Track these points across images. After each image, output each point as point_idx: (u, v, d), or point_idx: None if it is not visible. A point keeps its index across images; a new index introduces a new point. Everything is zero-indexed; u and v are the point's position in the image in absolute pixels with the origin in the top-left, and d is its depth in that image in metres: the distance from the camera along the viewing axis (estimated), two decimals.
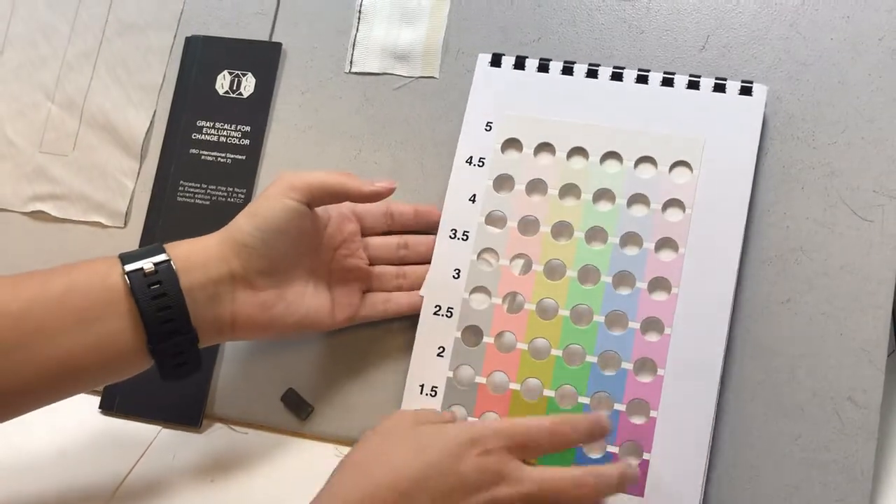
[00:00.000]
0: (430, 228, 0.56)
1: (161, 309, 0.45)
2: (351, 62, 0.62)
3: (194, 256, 0.47)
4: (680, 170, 0.54)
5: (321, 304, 0.52)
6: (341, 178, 0.50)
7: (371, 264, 0.55)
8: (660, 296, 0.52)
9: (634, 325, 0.52)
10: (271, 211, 0.48)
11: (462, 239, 0.54)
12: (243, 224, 0.48)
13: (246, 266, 0.48)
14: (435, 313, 0.53)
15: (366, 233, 0.56)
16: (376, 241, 0.56)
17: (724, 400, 0.52)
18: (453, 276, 0.53)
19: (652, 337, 0.51)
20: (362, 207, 0.55)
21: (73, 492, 0.54)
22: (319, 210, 0.51)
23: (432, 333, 0.53)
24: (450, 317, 0.53)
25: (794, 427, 0.52)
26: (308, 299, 0.51)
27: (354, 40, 0.63)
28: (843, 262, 0.54)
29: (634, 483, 0.46)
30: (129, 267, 0.46)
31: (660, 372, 0.50)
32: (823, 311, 0.54)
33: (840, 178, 0.55)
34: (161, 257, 0.46)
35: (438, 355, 0.52)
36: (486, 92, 0.57)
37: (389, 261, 0.56)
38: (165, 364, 0.47)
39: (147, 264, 0.45)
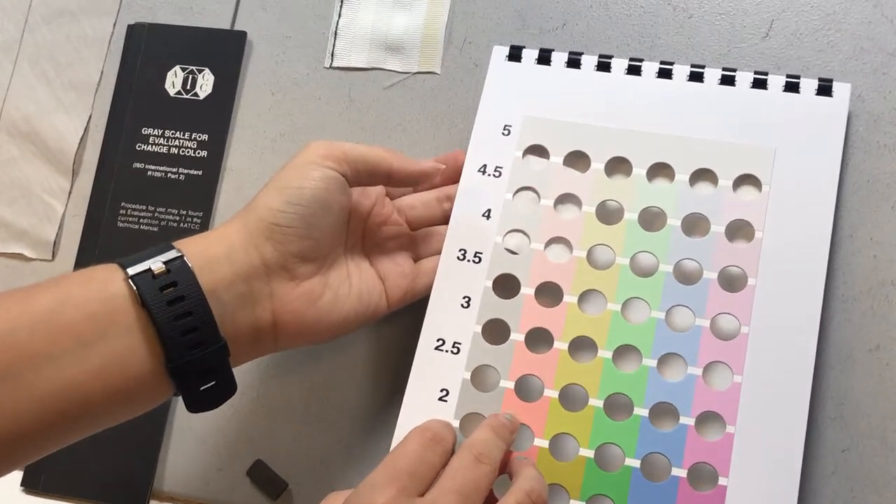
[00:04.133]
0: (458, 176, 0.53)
1: (180, 316, 0.42)
2: (332, 55, 0.59)
3: (213, 249, 0.44)
4: (746, 186, 0.51)
5: (371, 285, 0.49)
6: (384, 153, 0.48)
7: (413, 229, 0.53)
8: (724, 339, 0.48)
9: (695, 371, 0.48)
10: (307, 181, 0.46)
11: (473, 261, 0.51)
12: (271, 200, 0.45)
13: (282, 251, 0.45)
14: (437, 348, 0.50)
15: (393, 195, 0.53)
16: (412, 200, 0.53)
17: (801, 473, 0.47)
18: (462, 305, 0.50)
19: (717, 386, 0.48)
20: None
21: None
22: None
23: (433, 370, 0.50)
24: (456, 353, 0.49)
25: None
26: (355, 281, 0.49)
27: (336, 28, 0.60)
28: None
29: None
30: (134, 269, 0.42)
31: (729, 429, 0.47)
32: None
33: None
34: (172, 254, 0.43)
35: (441, 399, 0.49)
36: (504, 91, 0.54)
37: (433, 219, 0.53)
38: (191, 387, 0.43)
39: (156, 264, 0.42)
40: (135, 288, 0.42)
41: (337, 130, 0.58)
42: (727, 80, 0.53)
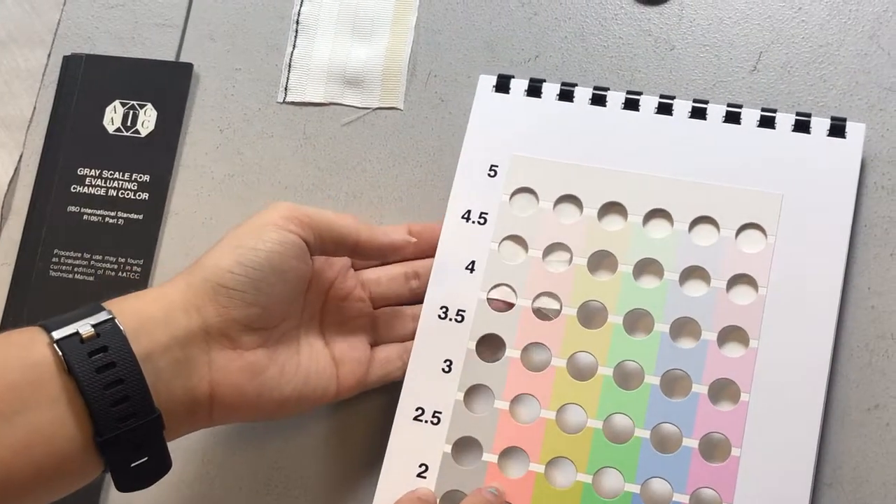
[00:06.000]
0: (431, 251, 0.53)
1: (110, 385, 0.41)
2: (286, 89, 0.59)
3: (149, 309, 0.44)
4: (750, 234, 0.50)
5: (322, 367, 0.49)
6: (352, 222, 0.48)
7: (375, 307, 0.52)
8: (725, 406, 0.48)
9: (691, 443, 0.47)
10: (262, 242, 0.45)
11: (456, 320, 0.50)
12: (221, 259, 0.45)
13: (226, 316, 0.44)
14: (416, 418, 0.49)
15: (357, 266, 0.52)
16: (377, 274, 0.52)
17: None
18: (443, 370, 0.50)
19: (714, 461, 0.47)
20: None
21: None
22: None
23: (412, 443, 0.49)
24: (436, 424, 0.49)
25: None
26: (305, 360, 0.48)
27: (290, 60, 0.59)
28: None
29: None
30: (59, 333, 0.41)
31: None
32: None
33: None
34: (102, 315, 0.42)
35: (419, 476, 0.48)
36: (490, 126, 0.54)
37: (398, 298, 0.53)
38: (121, 463, 0.42)
39: (84, 327, 0.42)
40: (60, 354, 0.41)
41: (290, 170, 0.58)
42: (732, 118, 0.52)
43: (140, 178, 0.58)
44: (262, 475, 0.53)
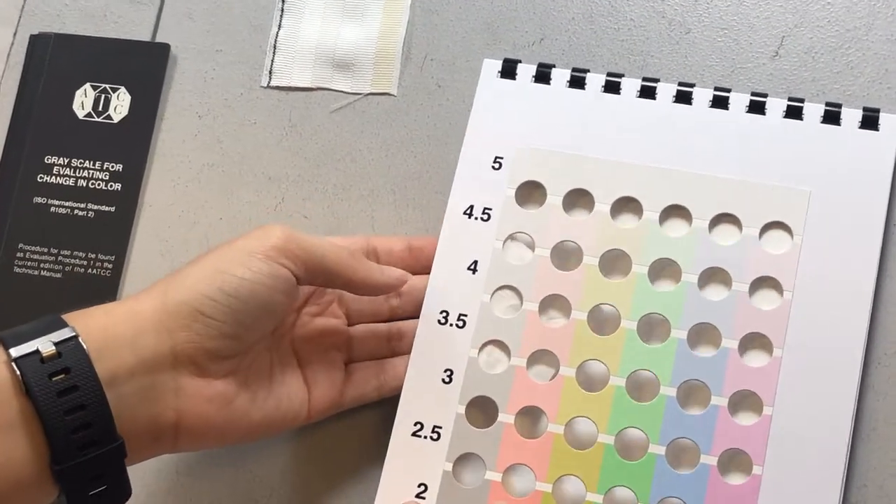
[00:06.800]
0: (429, 269, 0.53)
1: (71, 410, 0.40)
2: (270, 73, 0.58)
3: (117, 328, 0.43)
4: (775, 234, 0.50)
5: (293, 391, 0.48)
6: (347, 259, 0.47)
7: (350, 324, 0.52)
8: (746, 419, 0.47)
9: (709, 460, 0.47)
10: (252, 273, 0.44)
11: (457, 326, 0.50)
12: (201, 283, 0.44)
13: (198, 345, 0.44)
14: (415, 434, 0.49)
15: None
16: None
17: None
18: (443, 380, 0.49)
19: (735, 479, 0.47)
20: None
21: None
22: None
23: (410, 461, 0.49)
24: (436, 440, 0.48)
25: None
26: (276, 385, 0.48)
27: (275, 41, 0.59)
28: None
29: None
30: (18, 351, 0.41)
31: None
32: None
33: None
34: (64, 333, 0.41)
35: (418, 496, 0.48)
36: (494, 114, 0.53)
37: (376, 316, 0.52)
38: (78, 492, 0.42)
39: (44, 345, 0.41)
40: (19, 374, 0.40)
41: (275, 160, 0.57)
42: (756, 108, 0.51)
43: (112, 167, 0.58)
44: (242, 497, 0.52)
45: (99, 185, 0.57)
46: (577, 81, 0.53)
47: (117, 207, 0.57)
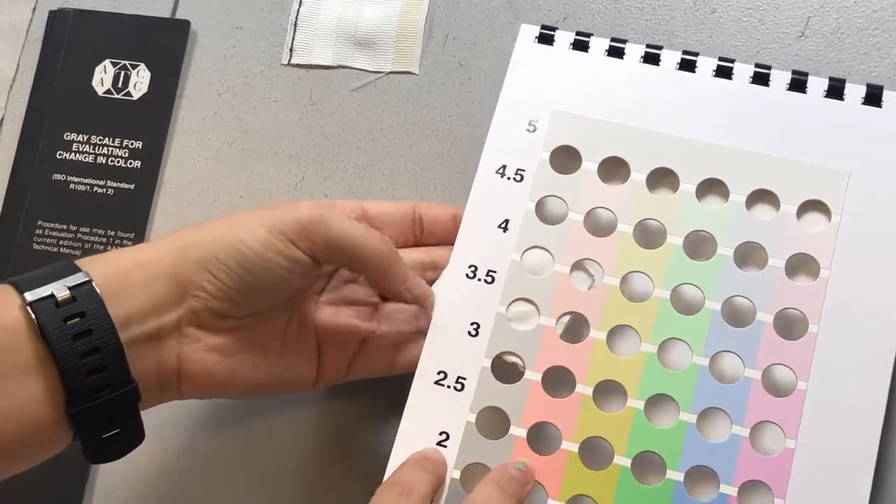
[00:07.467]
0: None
1: (86, 353, 0.40)
2: (291, 50, 0.58)
3: (128, 274, 0.43)
4: (813, 215, 0.49)
5: (305, 359, 0.48)
6: (383, 261, 0.46)
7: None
8: (779, 395, 0.47)
9: (741, 431, 0.47)
10: (271, 253, 0.44)
11: (486, 281, 0.50)
12: (220, 249, 0.44)
13: (204, 301, 0.44)
14: (437, 382, 0.48)
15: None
16: None
17: None
18: (470, 333, 0.49)
19: (766, 451, 0.47)
20: (379, 212, 0.51)
21: None
22: None
23: (432, 408, 0.48)
24: (460, 390, 0.48)
25: None
26: (289, 348, 0.48)
27: (296, 19, 0.58)
28: None
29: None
30: (33, 294, 0.41)
31: (777, 503, 0.46)
32: None
33: None
34: (78, 278, 0.41)
35: (440, 444, 0.48)
36: (531, 78, 0.52)
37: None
38: (92, 435, 0.42)
39: (59, 289, 0.41)
40: (34, 318, 0.40)
41: (295, 139, 0.57)
42: (797, 86, 0.51)
43: (131, 144, 0.57)
44: (250, 459, 0.52)
45: (118, 162, 0.57)
46: (615, 51, 0.52)
47: (137, 185, 0.56)
